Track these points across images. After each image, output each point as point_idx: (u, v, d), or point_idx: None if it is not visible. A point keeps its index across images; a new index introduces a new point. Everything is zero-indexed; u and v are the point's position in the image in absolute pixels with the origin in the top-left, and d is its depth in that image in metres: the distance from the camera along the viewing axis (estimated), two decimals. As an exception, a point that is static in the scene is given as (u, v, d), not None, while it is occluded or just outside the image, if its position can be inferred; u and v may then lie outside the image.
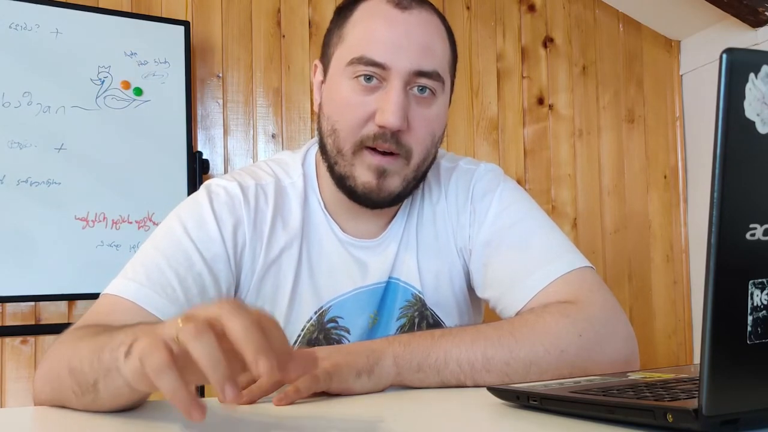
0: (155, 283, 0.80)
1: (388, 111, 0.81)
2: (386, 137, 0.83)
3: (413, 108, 0.84)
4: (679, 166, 2.50)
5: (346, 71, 0.85)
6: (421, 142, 0.86)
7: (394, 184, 0.86)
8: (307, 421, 0.60)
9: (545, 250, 0.87)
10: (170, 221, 0.86)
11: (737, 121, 0.40)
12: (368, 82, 0.83)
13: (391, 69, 0.82)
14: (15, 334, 1.86)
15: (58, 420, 0.63)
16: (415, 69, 0.83)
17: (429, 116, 0.86)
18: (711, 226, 0.41)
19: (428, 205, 0.97)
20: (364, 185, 0.85)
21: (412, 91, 0.84)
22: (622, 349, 0.80)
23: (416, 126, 0.84)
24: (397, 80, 0.82)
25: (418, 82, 0.84)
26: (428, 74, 0.84)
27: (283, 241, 0.89)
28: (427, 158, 0.88)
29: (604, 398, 0.53)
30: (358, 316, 0.91)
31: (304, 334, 0.90)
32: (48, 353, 0.72)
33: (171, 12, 2.04)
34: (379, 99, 0.83)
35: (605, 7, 2.46)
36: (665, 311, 2.45)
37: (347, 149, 0.85)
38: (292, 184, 0.93)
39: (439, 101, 0.87)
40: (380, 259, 0.93)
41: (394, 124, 0.81)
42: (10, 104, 1.75)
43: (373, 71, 0.83)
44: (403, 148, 0.84)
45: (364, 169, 0.85)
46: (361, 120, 0.84)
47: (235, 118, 2.11)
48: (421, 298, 0.93)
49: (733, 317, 0.42)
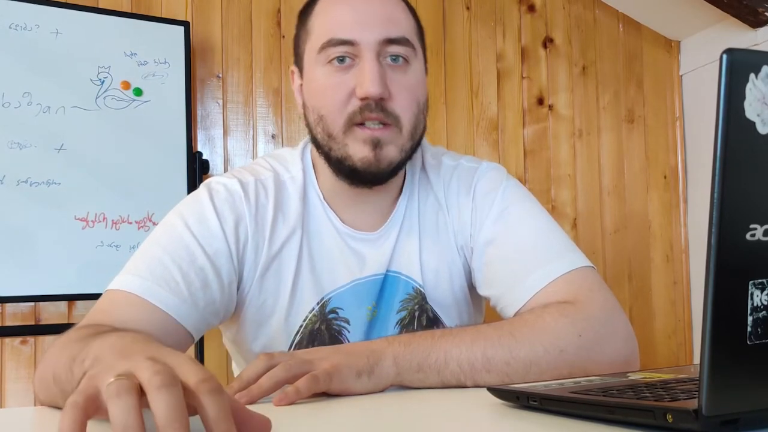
0: (158, 277, 0.80)
1: (366, 81, 0.83)
2: (372, 107, 0.84)
3: (391, 76, 0.85)
4: (679, 167, 2.50)
5: (319, 59, 0.86)
6: (407, 108, 0.86)
7: (392, 153, 0.86)
8: (307, 421, 0.60)
9: (546, 250, 0.88)
10: (171, 218, 0.87)
11: (737, 122, 0.40)
12: (342, 63, 0.85)
13: (360, 43, 0.84)
14: (15, 334, 1.86)
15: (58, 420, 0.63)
16: (383, 37, 0.84)
17: (408, 82, 0.87)
18: (711, 226, 0.41)
19: (429, 200, 0.97)
20: (362, 160, 0.85)
21: (385, 60, 0.85)
22: (622, 349, 0.80)
23: (398, 93, 0.85)
24: (369, 52, 0.84)
25: (389, 51, 0.85)
26: (397, 41, 0.85)
27: (284, 235, 0.90)
28: (418, 125, 0.89)
29: (604, 398, 0.53)
30: (357, 307, 0.92)
31: (306, 324, 0.91)
32: (44, 355, 0.73)
33: (171, 12, 2.04)
34: (356, 75, 0.84)
35: (605, 8, 2.46)
36: (665, 311, 2.45)
37: (337, 131, 0.86)
38: (291, 178, 0.94)
39: (414, 67, 0.88)
40: (378, 252, 0.93)
41: (375, 91, 0.82)
42: (10, 104, 1.75)
43: (344, 51, 0.84)
44: (391, 116, 0.85)
45: (359, 145, 0.85)
46: (344, 99, 0.85)
47: (235, 119, 2.11)
48: (421, 291, 0.93)
49: (733, 317, 0.42)
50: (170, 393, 0.42)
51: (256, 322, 0.91)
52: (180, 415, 0.42)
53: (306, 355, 0.71)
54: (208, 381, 0.45)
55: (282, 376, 0.67)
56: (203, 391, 0.44)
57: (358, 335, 0.92)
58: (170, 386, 0.43)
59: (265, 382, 0.67)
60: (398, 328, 0.93)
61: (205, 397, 0.44)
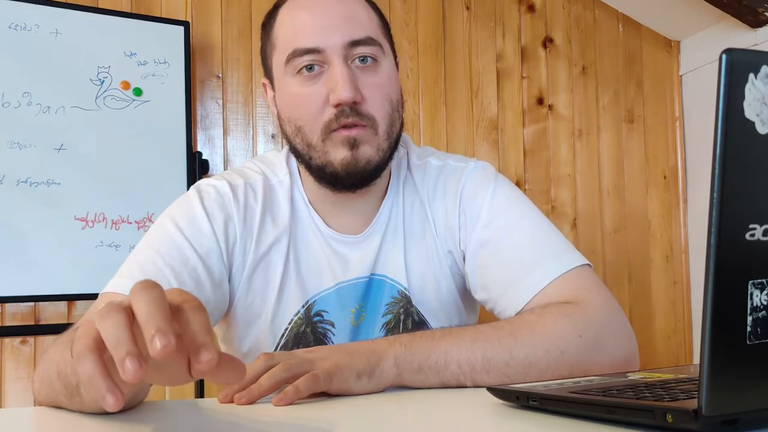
0: (152, 278, 0.80)
1: (338, 88, 0.83)
2: (346, 113, 0.84)
3: (361, 79, 0.85)
4: (678, 167, 2.50)
5: (288, 70, 0.87)
6: (380, 108, 0.86)
7: (369, 152, 0.86)
8: (306, 421, 0.60)
9: (542, 250, 0.87)
10: (162, 221, 0.88)
11: (737, 122, 0.40)
12: (311, 71, 0.85)
13: (326, 49, 0.84)
14: (14, 334, 1.86)
15: (58, 420, 0.63)
16: (348, 40, 0.84)
17: (379, 82, 0.87)
18: (711, 226, 0.41)
19: (415, 203, 0.96)
20: (341, 162, 0.85)
21: (353, 63, 0.85)
22: (622, 349, 0.80)
23: (370, 94, 0.85)
24: (336, 57, 0.84)
25: (355, 53, 0.85)
26: (362, 41, 0.85)
27: (272, 237, 0.91)
28: (394, 123, 0.89)
29: (604, 398, 0.53)
30: (341, 310, 0.92)
31: (292, 327, 0.91)
32: (44, 355, 0.73)
33: (171, 12, 2.04)
34: (327, 82, 0.84)
35: (605, 8, 2.46)
36: (665, 311, 2.45)
37: (316, 140, 0.86)
38: (279, 182, 0.95)
39: (384, 66, 0.88)
40: (362, 254, 0.93)
41: (347, 96, 0.82)
42: (9, 104, 1.75)
43: (310, 59, 0.84)
44: (366, 117, 0.85)
45: (337, 148, 0.85)
46: (318, 108, 0.85)
47: (235, 119, 2.11)
48: (407, 295, 0.93)
49: (733, 317, 0.42)
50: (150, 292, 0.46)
51: (244, 321, 0.91)
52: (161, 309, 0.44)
53: (306, 355, 0.71)
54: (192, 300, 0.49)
55: (282, 375, 0.67)
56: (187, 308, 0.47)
57: (343, 338, 0.92)
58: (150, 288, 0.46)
59: (265, 381, 0.67)
60: (383, 332, 0.93)
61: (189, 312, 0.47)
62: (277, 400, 0.65)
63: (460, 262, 0.94)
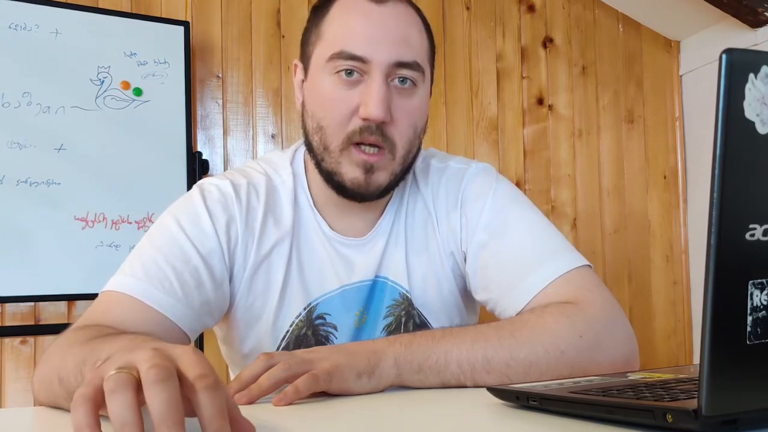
0: (153, 277, 0.80)
1: (371, 103, 0.82)
2: (371, 130, 0.84)
3: (395, 100, 0.85)
4: (678, 167, 2.50)
5: (327, 67, 0.86)
6: (404, 134, 0.87)
7: (382, 178, 0.87)
8: (307, 421, 0.60)
9: (542, 250, 0.87)
10: (164, 219, 0.87)
11: (737, 122, 0.40)
12: (349, 77, 0.84)
13: (371, 62, 0.83)
14: (14, 334, 1.86)
15: (58, 420, 0.63)
16: (394, 60, 0.84)
17: (411, 107, 0.87)
18: (711, 226, 0.41)
19: (418, 205, 0.97)
20: (352, 181, 0.86)
21: (393, 82, 0.85)
22: (622, 349, 0.80)
23: (399, 117, 0.85)
24: (378, 72, 0.83)
25: (398, 73, 0.85)
26: (408, 65, 0.85)
27: (274, 238, 0.90)
28: (411, 150, 0.89)
29: (604, 398, 0.53)
30: (345, 313, 0.92)
31: (293, 330, 0.91)
32: (44, 356, 0.73)
33: (171, 12, 2.04)
34: (362, 92, 0.84)
35: (605, 8, 2.46)
36: (665, 312, 2.45)
37: (334, 146, 0.86)
38: (282, 182, 0.94)
39: (420, 92, 0.88)
40: (367, 257, 0.93)
41: (378, 115, 0.82)
42: (9, 104, 1.75)
43: (353, 65, 0.84)
44: (387, 140, 0.85)
45: (351, 165, 0.86)
46: (346, 115, 0.85)
47: (235, 119, 2.11)
48: (408, 297, 0.93)
49: (733, 317, 0.42)
50: (165, 388, 0.43)
51: (245, 322, 0.91)
52: (174, 411, 0.42)
53: (306, 355, 0.71)
54: (207, 377, 0.45)
55: (281, 375, 0.67)
56: (200, 388, 0.44)
57: (345, 341, 0.91)
58: (165, 381, 0.43)
59: (265, 381, 0.67)
60: (385, 334, 0.93)
61: (201, 393, 0.44)
62: (277, 400, 0.65)
63: (462, 264, 0.95)
